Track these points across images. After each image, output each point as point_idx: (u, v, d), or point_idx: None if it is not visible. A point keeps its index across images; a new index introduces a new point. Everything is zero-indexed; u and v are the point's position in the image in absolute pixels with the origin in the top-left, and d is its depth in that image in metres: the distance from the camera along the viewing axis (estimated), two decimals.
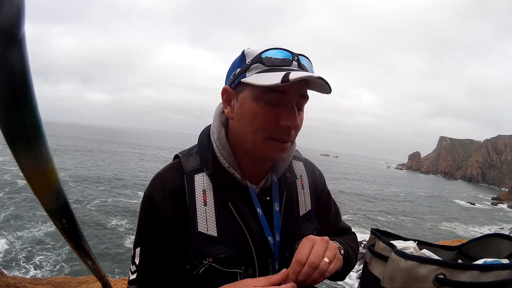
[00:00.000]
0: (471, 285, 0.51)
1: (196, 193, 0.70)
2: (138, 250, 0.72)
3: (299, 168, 0.85)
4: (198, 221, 0.68)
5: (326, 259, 0.63)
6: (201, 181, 0.72)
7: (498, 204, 46.15)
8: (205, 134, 0.79)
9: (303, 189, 0.82)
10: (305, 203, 0.80)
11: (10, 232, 12.55)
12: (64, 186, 0.53)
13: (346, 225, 0.95)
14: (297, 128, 0.68)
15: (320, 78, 0.61)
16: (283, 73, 0.60)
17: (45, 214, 0.57)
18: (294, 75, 0.59)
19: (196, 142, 0.80)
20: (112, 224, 14.91)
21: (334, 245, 0.68)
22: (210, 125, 0.80)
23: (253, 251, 0.69)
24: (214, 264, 0.66)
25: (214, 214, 0.69)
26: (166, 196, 0.71)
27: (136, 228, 0.76)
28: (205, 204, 0.69)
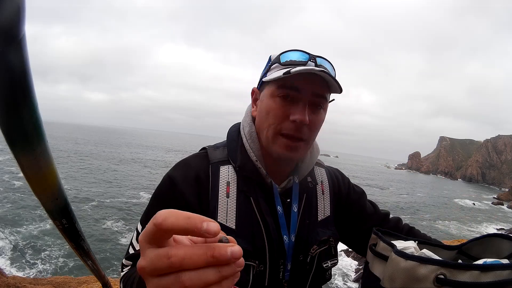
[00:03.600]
0: (472, 285, 0.51)
1: (220, 184, 0.70)
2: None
3: (320, 174, 0.85)
4: (219, 211, 0.68)
5: None
6: (226, 173, 0.72)
7: (498, 205, 46.16)
8: (235, 129, 0.80)
9: (323, 194, 0.81)
10: (324, 208, 0.80)
11: (11, 231, 12.55)
12: (63, 187, 0.53)
13: (385, 211, 0.93)
14: (304, 122, 0.66)
15: (323, 71, 0.62)
16: (288, 68, 0.63)
17: (45, 214, 0.57)
18: (296, 69, 0.61)
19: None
20: (112, 224, 14.90)
21: None
22: (239, 122, 0.81)
23: (267, 248, 0.69)
24: None
25: (235, 206, 0.69)
26: (190, 178, 0.70)
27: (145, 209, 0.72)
28: (228, 196, 0.69)
